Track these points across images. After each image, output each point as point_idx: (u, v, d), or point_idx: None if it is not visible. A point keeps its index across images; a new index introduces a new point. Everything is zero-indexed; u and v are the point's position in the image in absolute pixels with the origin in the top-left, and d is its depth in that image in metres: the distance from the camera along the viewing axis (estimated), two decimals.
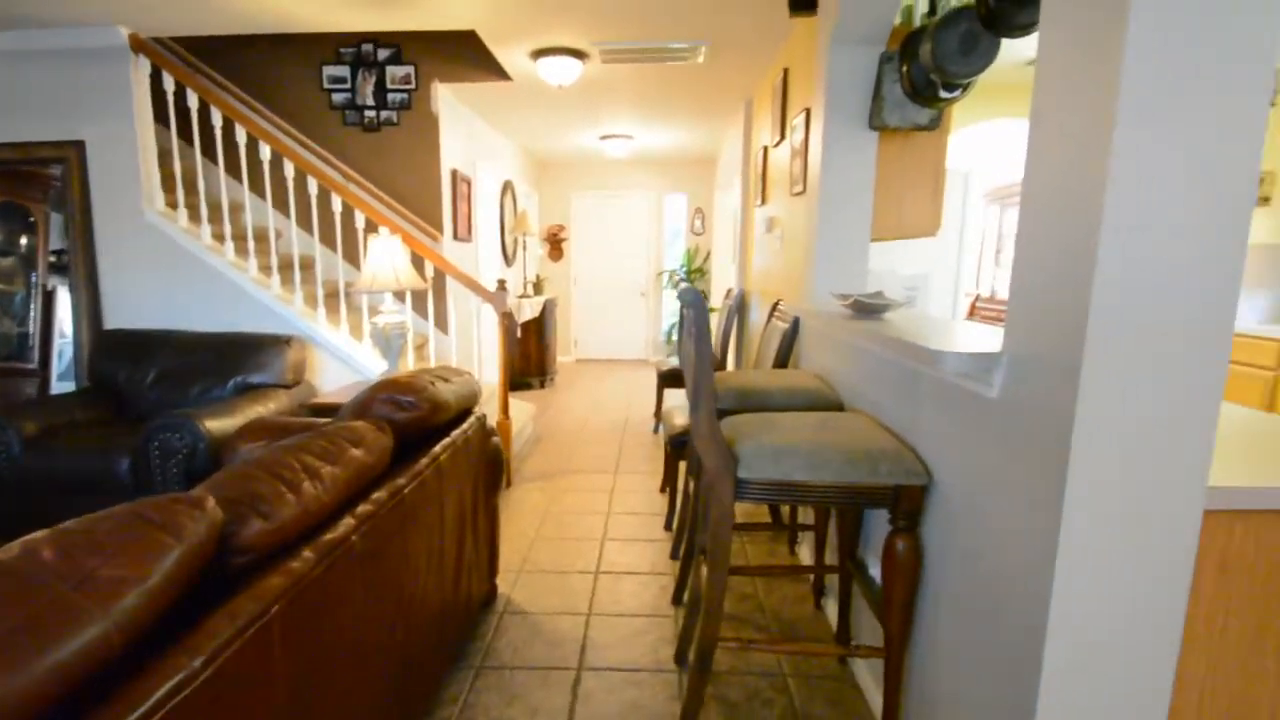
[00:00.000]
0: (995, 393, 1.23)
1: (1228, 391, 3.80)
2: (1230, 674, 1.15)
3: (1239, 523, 1.09)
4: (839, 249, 2.78)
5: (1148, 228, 0.94)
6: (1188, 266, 0.94)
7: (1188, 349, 0.96)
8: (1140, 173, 0.92)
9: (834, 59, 2.63)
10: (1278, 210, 3.90)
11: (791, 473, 1.56)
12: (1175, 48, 0.90)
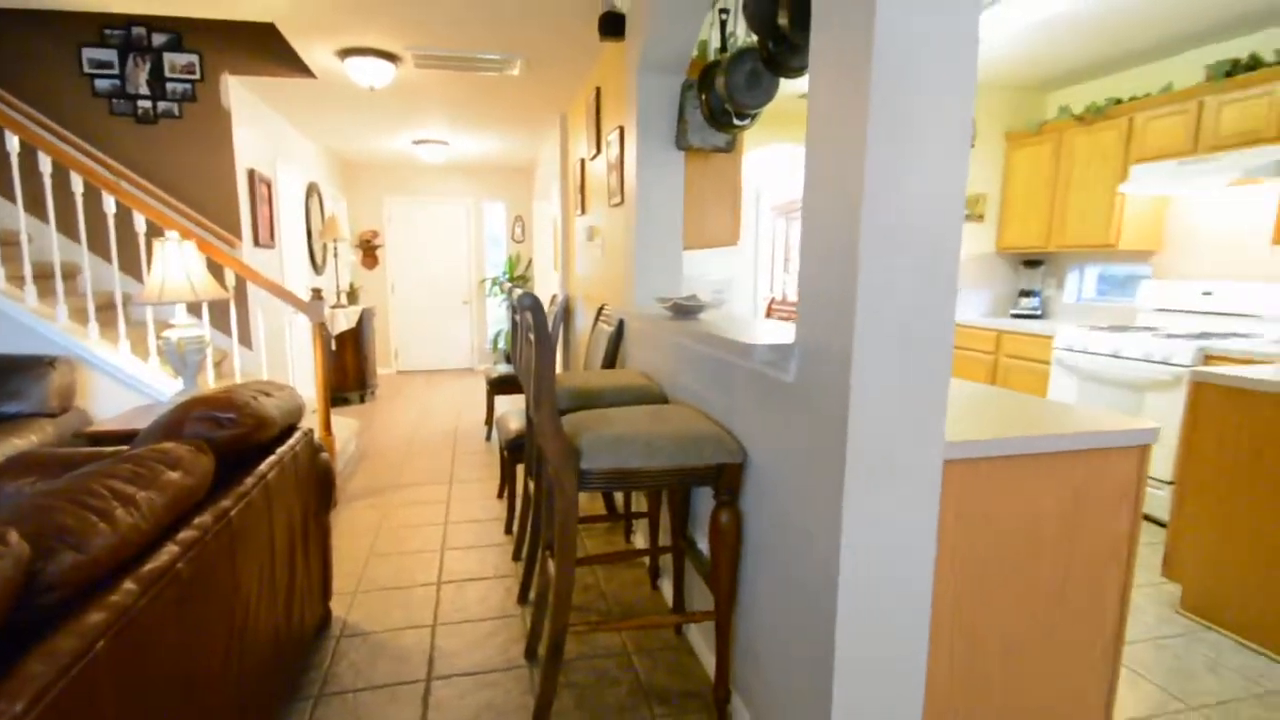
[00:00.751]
0: (791, 378, 1.46)
1: (960, 370, 4.64)
2: (966, 598, 1.47)
3: (969, 468, 1.41)
4: (656, 256, 3.00)
5: (893, 238, 1.19)
6: (921, 268, 1.22)
7: (924, 335, 1.24)
8: (885, 186, 1.18)
9: (642, 84, 2.85)
10: (990, 226, 4.83)
11: (629, 460, 1.71)
12: (903, 99, 1.16)
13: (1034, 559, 1.50)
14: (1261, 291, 3.36)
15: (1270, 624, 2.21)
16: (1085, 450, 1.47)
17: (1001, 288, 4.93)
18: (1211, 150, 3.35)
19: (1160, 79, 3.94)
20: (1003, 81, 4.46)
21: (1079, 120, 4.06)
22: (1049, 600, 1.54)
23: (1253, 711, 1.95)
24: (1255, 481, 2.23)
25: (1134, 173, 3.71)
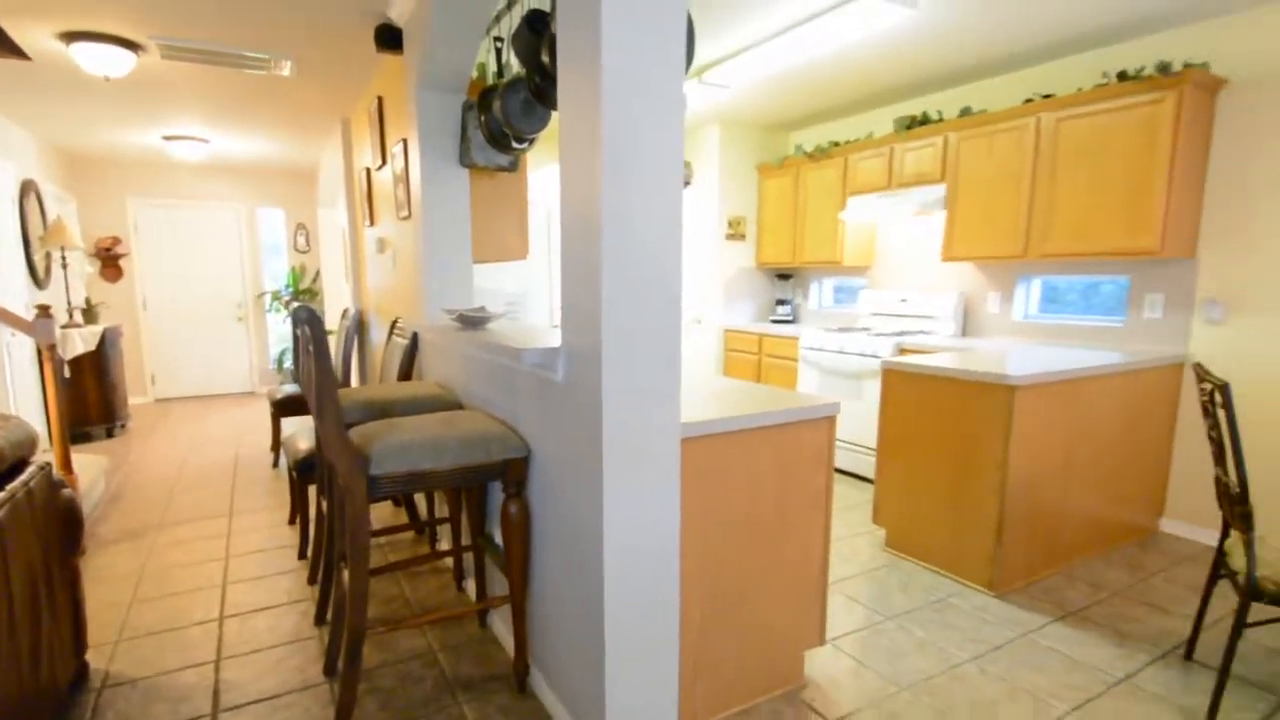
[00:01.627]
0: (560, 378, 1.70)
1: (733, 368, 5.29)
2: (709, 547, 1.82)
3: (704, 443, 1.75)
4: (446, 270, 3.11)
5: (626, 251, 1.48)
6: (650, 283, 1.52)
7: (657, 338, 1.54)
8: (618, 217, 1.46)
9: (422, 100, 2.96)
10: (751, 244, 5.57)
11: (419, 462, 1.83)
12: (627, 149, 1.45)
13: (758, 510, 1.89)
14: (937, 298, 4.32)
15: (942, 550, 2.91)
16: (790, 423, 1.90)
17: (762, 297, 5.70)
18: (900, 187, 4.25)
19: (865, 128, 4.87)
20: (755, 121, 5.19)
21: (810, 158, 4.87)
22: (772, 542, 1.94)
23: (927, 614, 2.57)
24: (927, 443, 2.93)
25: (850, 203, 4.56)
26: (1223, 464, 1.99)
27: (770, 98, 4.53)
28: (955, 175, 3.92)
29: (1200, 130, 3.10)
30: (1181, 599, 2.70)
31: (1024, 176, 3.57)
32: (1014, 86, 3.93)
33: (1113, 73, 3.42)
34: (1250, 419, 3.09)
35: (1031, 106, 3.51)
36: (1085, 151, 3.30)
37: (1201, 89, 3.03)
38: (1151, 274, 3.41)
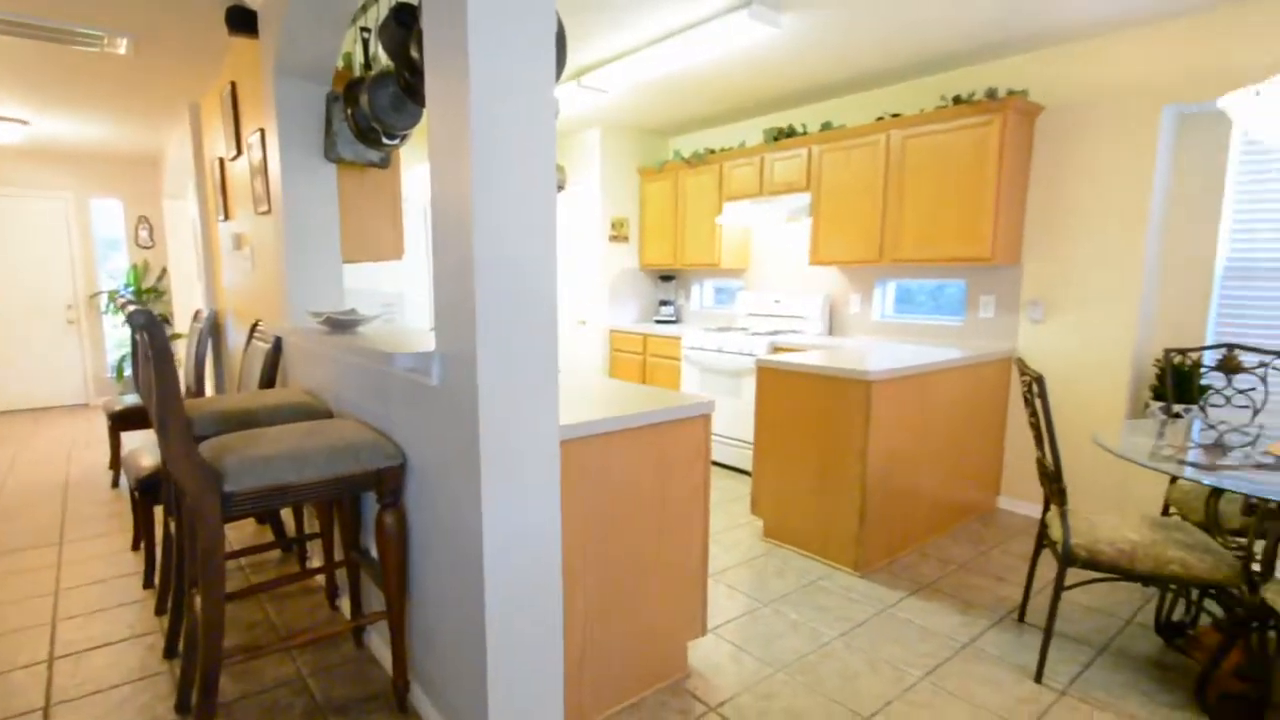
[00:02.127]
0: (436, 382, 1.66)
1: (619, 369, 5.36)
2: (592, 546, 1.85)
3: (585, 443, 1.78)
4: (312, 269, 2.94)
5: (499, 253, 1.47)
6: (526, 281, 1.52)
7: (532, 342, 1.54)
8: (490, 219, 1.45)
9: (281, 88, 2.78)
10: (634, 246, 5.67)
11: (280, 476, 1.73)
12: (496, 147, 1.44)
13: (641, 508, 1.94)
14: (806, 299, 4.59)
15: (814, 536, 3.10)
16: (669, 422, 1.96)
17: (646, 298, 5.81)
18: (771, 194, 4.48)
19: (739, 137, 5.10)
20: (636, 125, 5.28)
21: (688, 163, 5.02)
22: (654, 538, 1.99)
23: (800, 597, 2.73)
24: (798, 436, 3.11)
25: (726, 208, 4.75)
26: (1042, 447, 2.26)
27: (650, 103, 4.63)
28: (819, 185, 4.19)
29: (1022, 151, 3.51)
30: (1015, 568, 3.04)
31: (877, 188, 3.87)
32: (868, 104, 4.25)
33: (949, 96, 3.80)
34: (1064, 404, 3.52)
35: (882, 124, 3.82)
36: (928, 167, 3.64)
37: (1022, 114, 3.43)
38: (984, 278, 3.81)
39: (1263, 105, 1.91)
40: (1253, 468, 1.95)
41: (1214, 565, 1.96)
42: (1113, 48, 3.25)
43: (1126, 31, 3.20)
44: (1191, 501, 2.46)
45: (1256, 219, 3.05)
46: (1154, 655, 2.34)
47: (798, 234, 4.75)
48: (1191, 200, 3.21)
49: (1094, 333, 3.41)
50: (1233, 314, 3.14)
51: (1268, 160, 3.01)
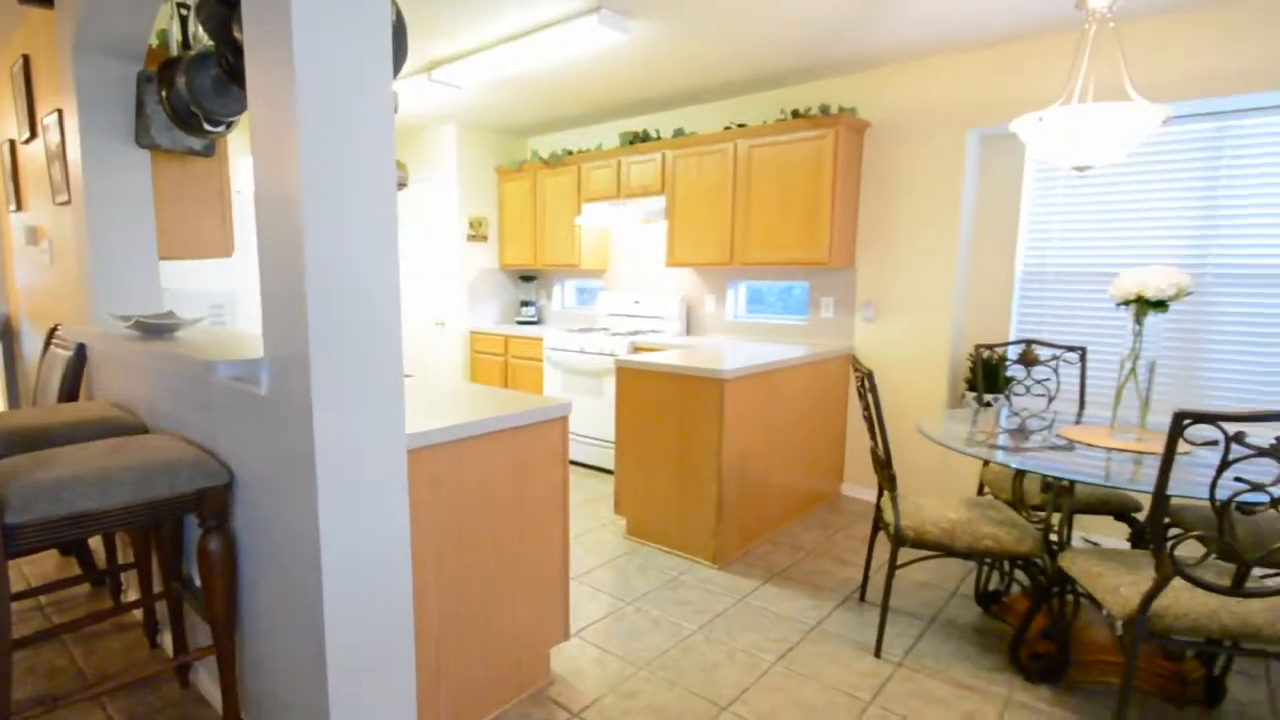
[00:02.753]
0: (265, 391, 1.52)
1: (481, 372, 5.23)
2: (447, 557, 1.77)
3: (436, 451, 1.70)
4: (122, 267, 2.60)
5: (333, 252, 1.37)
6: (365, 282, 1.43)
7: (374, 347, 1.46)
8: (322, 216, 1.35)
9: (81, 65, 2.44)
10: (494, 245, 5.55)
11: (79, 503, 1.50)
12: (328, 140, 1.35)
13: (498, 514, 1.89)
14: (664, 299, 4.72)
15: (674, 532, 3.18)
16: (526, 426, 1.93)
17: (507, 299, 5.70)
18: (628, 197, 4.56)
19: (596, 139, 5.15)
20: (493, 124, 5.16)
21: (546, 164, 5.00)
22: (512, 544, 1.95)
23: (662, 594, 2.79)
24: (657, 434, 3.18)
25: (585, 209, 4.78)
26: (874, 437, 2.47)
27: (507, 102, 4.55)
28: (673, 189, 4.32)
29: (853, 163, 3.82)
30: (857, 550, 3.30)
31: (727, 194, 4.06)
32: (717, 114, 4.45)
33: (789, 110, 4.06)
34: (894, 396, 3.88)
35: (730, 133, 4.01)
36: (772, 175, 3.86)
37: (852, 129, 3.73)
38: (825, 281, 4.10)
39: (1045, 129, 2.20)
40: (1049, 449, 2.25)
41: (1020, 538, 2.23)
42: (924, 74, 3.63)
43: (934, 60, 3.58)
44: (1001, 481, 2.79)
45: (1046, 230, 3.52)
46: (975, 623, 2.62)
47: (655, 236, 4.87)
48: (995, 213, 3.65)
49: (917, 331, 3.78)
50: (1030, 314, 3.61)
51: (1053, 178, 3.48)
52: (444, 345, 5.46)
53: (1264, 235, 2.97)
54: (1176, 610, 1.72)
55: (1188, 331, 3.16)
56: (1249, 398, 3.05)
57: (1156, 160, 3.19)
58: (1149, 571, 1.87)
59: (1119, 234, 3.30)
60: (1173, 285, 2.24)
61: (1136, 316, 2.33)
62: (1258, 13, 2.78)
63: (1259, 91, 2.80)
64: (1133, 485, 1.86)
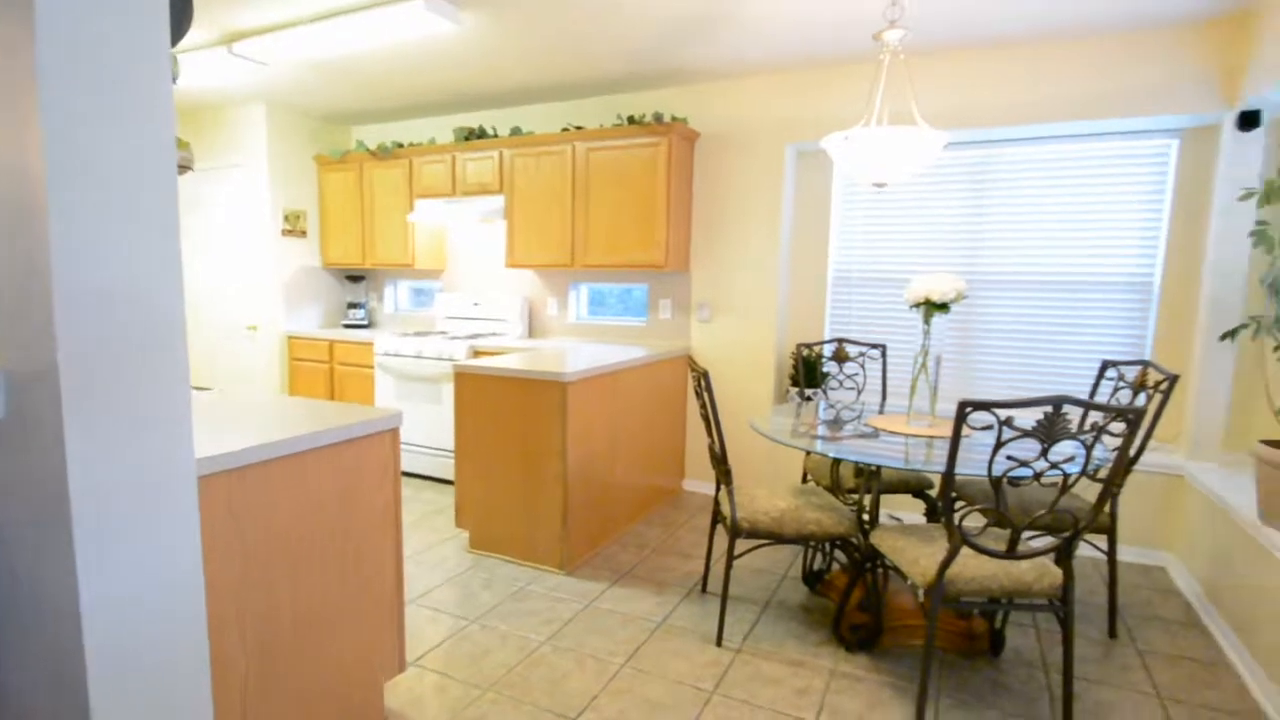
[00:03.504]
0: (1, 413, 1.23)
1: (302, 381, 4.77)
2: (254, 594, 1.56)
3: (237, 476, 1.49)
4: None
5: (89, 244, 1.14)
6: (137, 281, 1.21)
7: (152, 352, 1.23)
8: (74, 208, 1.12)
9: None
10: (314, 242, 5.08)
11: None
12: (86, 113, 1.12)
13: (316, 541, 1.70)
14: (506, 301, 4.60)
15: (520, 541, 3.09)
16: (349, 441, 1.75)
17: (332, 300, 5.24)
18: (464, 195, 4.38)
19: (428, 133, 4.89)
20: (312, 109, 4.71)
21: (374, 155, 4.66)
22: (336, 573, 1.76)
23: (509, 607, 2.69)
24: (499, 441, 3.07)
25: (418, 205, 4.52)
26: (711, 434, 2.56)
27: (326, 85, 4.17)
28: (512, 188, 4.21)
29: (686, 171, 3.95)
30: (699, 543, 3.41)
31: (566, 196, 4.03)
32: (554, 114, 4.41)
33: (624, 116, 4.12)
34: (728, 394, 4.07)
35: (567, 135, 3.99)
36: (610, 179, 3.90)
37: (684, 138, 3.86)
38: (662, 283, 4.21)
39: (850, 148, 2.41)
40: (859, 437, 2.46)
41: (838, 521, 2.41)
42: (748, 90, 3.84)
43: (757, 78, 3.81)
44: (821, 469, 3.01)
45: (852, 239, 3.87)
46: (803, 602, 2.81)
47: (494, 235, 4.72)
48: (811, 222, 3.95)
49: (747, 331, 3.99)
50: (840, 315, 3.95)
51: (855, 193, 3.84)
52: (256, 353, 4.90)
53: (1019, 248, 3.48)
54: (965, 576, 1.95)
55: (964, 330, 3.64)
56: (1014, 386, 3.57)
57: (937, 180, 3.63)
58: (943, 543, 2.10)
59: (908, 244, 3.72)
60: (954, 289, 2.55)
61: (925, 317, 2.62)
62: (1018, 59, 3.25)
63: (1017, 125, 3.28)
64: (927, 467, 2.10)
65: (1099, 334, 3.39)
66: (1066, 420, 1.73)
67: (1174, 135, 3.19)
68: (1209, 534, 2.79)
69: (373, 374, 4.44)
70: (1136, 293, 3.31)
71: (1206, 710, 2.13)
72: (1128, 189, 3.28)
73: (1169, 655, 2.44)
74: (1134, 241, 3.29)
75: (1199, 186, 3.16)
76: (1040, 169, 3.43)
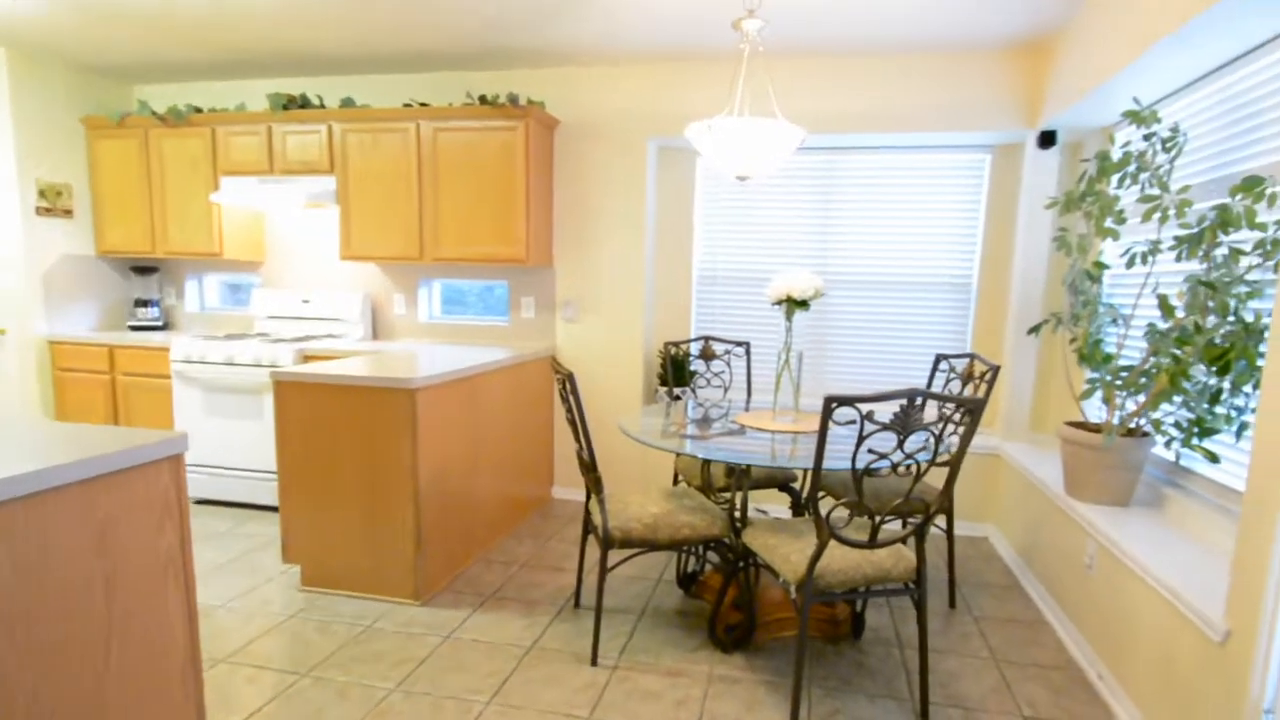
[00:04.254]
0: None
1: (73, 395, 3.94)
2: None
3: None
4: None
5: None
6: None
7: None
8: None
9: None
10: (83, 223, 4.19)
11: None
12: None
13: (60, 611, 1.29)
14: (343, 298, 4.09)
15: (365, 573, 2.72)
16: (108, 474, 1.35)
17: (113, 296, 4.37)
18: (284, 173, 3.81)
19: (236, 97, 4.20)
20: (77, 59, 3.85)
21: (164, 121, 3.91)
22: (99, 647, 1.36)
23: (351, 652, 2.33)
24: (335, 460, 2.67)
25: (224, 184, 3.86)
26: (579, 439, 2.38)
27: (93, 28, 3.40)
28: (345, 169, 3.73)
29: (545, 159, 3.73)
30: (570, 555, 3.22)
31: (412, 180, 3.64)
32: (395, 88, 3.97)
33: (475, 95, 3.81)
34: (597, 395, 3.92)
35: (411, 111, 3.60)
36: (463, 164, 3.57)
37: (542, 124, 3.63)
38: (524, 280, 3.96)
39: (714, 137, 2.33)
40: (727, 435, 2.41)
41: (711, 522, 2.34)
42: (609, 79, 3.69)
43: (618, 67, 3.66)
44: (693, 468, 2.94)
45: (714, 237, 3.87)
46: (679, 606, 2.72)
47: (326, 223, 4.18)
48: (675, 219, 3.89)
49: (615, 329, 3.85)
50: (705, 312, 3.94)
51: (718, 191, 3.83)
52: (3, 361, 3.95)
53: (863, 250, 3.67)
54: (833, 569, 1.95)
55: (817, 327, 3.77)
56: (863, 380, 3.75)
57: (791, 184, 3.72)
58: (811, 538, 2.10)
59: (766, 244, 3.79)
60: (812, 287, 2.58)
61: (787, 314, 2.64)
62: (861, 70, 3.39)
63: (859, 133, 3.43)
64: (794, 463, 2.10)
65: (932, 330, 3.66)
66: (920, 412, 1.76)
67: (987, 150, 3.50)
68: (1022, 506, 3.10)
69: (170, 385, 3.74)
70: (959, 292, 3.60)
71: (1035, 668, 2.34)
72: (951, 198, 3.57)
73: (998, 619, 2.67)
74: (957, 246, 3.59)
75: (1007, 197, 3.50)
76: (878, 176, 3.63)
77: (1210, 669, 1.60)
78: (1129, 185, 2.25)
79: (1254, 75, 2.03)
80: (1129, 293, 2.65)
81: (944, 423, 1.79)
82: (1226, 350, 1.69)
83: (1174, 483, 2.32)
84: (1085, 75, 2.65)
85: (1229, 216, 1.72)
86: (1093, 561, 2.28)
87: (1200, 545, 2.04)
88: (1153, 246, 2.16)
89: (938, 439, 1.83)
